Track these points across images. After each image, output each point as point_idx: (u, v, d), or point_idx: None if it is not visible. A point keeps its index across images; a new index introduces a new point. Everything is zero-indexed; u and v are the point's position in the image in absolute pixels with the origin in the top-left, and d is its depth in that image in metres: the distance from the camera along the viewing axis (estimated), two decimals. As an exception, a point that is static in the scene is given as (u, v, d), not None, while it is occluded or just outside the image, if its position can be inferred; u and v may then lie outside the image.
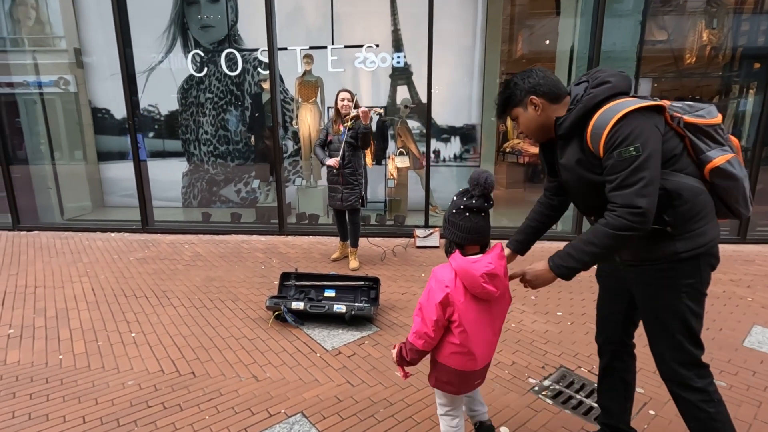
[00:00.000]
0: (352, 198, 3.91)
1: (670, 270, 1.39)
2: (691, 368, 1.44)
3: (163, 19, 6.02)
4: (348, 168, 3.86)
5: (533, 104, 1.43)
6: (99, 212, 6.42)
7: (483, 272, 1.36)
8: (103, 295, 3.44)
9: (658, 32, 5.15)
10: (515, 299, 3.35)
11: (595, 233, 1.35)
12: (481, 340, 1.44)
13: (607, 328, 1.73)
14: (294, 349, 2.64)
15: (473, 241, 1.44)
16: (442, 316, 1.40)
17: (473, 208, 1.41)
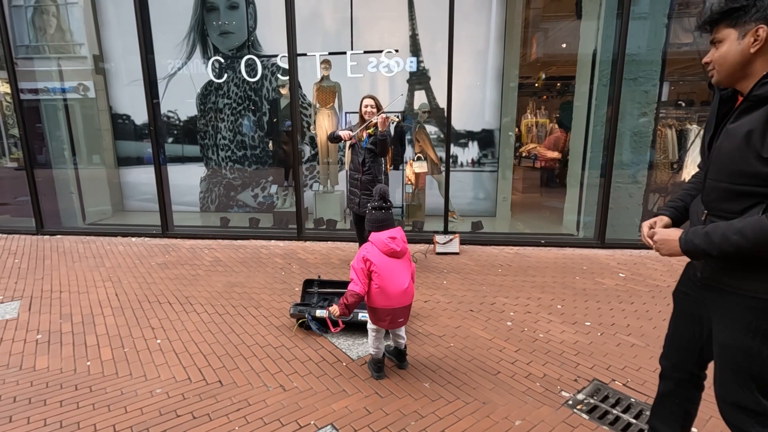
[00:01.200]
0: (369, 203, 3.89)
1: (765, 311, 1.20)
2: (753, 416, 1.30)
3: (183, 25, 6.08)
4: (368, 174, 3.84)
5: (756, 36, 1.12)
6: (119, 216, 6.49)
7: (387, 236, 2.28)
8: (126, 301, 3.46)
9: (684, 35, 5.04)
10: (540, 307, 3.29)
11: (751, 224, 1.11)
12: (392, 283, 2.24)
13: (677, 355, 1.57)
14: (320, 358, 2.61)
15: (380, 227, 2.33)
16: (365, 267, 2.25)
17: (375, 208, 2.35)
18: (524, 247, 4.84)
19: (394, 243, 2.27)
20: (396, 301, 2.25)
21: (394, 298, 2.25)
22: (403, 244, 2.30)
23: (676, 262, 4.32)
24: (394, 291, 2.25)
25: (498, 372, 2.47)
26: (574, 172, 5.26)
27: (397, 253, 2.27)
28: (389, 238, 2.27)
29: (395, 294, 2.25)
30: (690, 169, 4.96)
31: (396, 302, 2.26)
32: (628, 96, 4.58)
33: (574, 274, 4.00)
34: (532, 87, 8.77)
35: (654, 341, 2.79)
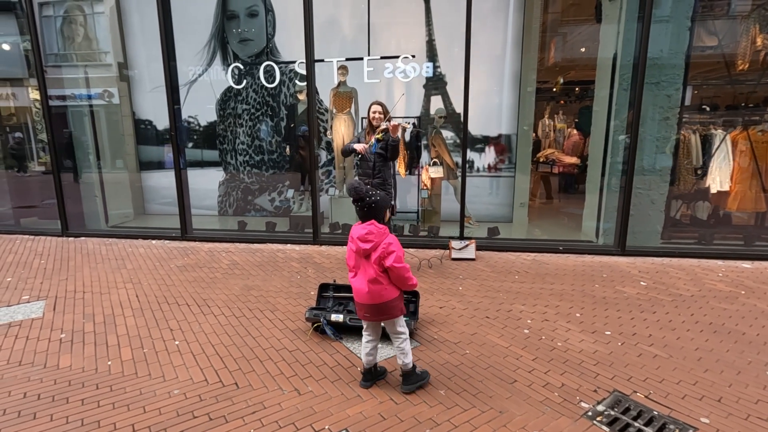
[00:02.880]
0: None
1: None
2: None
3: (204, 33, 6.23)
4: (378, 178, 3.88)
5: None
6: (140, 219, 6.65)
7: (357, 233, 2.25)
8: (146, 302, 3.53)
9: (708, 38, 4.92)
10: (558, 316, 3.23)
11: None
12: (356, 280, 2.29)
13: None
14: (334, 363, 2.61)
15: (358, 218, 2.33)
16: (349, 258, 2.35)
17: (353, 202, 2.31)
18: (542, 254, 4.77)
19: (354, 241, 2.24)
20: (358, 296, 2.28)
21: (357, 294, 2.28)
22: (362, 244, 2.19)
23: (701, 271, 4.19)
24: (355, 286, 2.29)
25: (515, 380, 2.42)
26: (594, 178, 5.16)
27: (360, 251, 2.22)
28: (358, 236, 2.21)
29: (356, 290, 2.28)
30: (715, 174, 4.82)
31: (358, 298, 2.28)
32: (649, 100, 4.48)
33: (593, 282, 3.92)
34: (550, 92, 8.66)
35: (677, 352, 2.71)
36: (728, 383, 2.38)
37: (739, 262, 4.41)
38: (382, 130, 3.74)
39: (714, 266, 4.32)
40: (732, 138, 4.78)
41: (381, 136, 3.75)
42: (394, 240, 2.23)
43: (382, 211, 2.26)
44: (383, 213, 2.27)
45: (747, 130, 4.78)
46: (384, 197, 2.30)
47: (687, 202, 5.19)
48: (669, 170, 4.68)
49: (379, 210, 2.25)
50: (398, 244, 2.22)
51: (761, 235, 4.90)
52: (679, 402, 2.23)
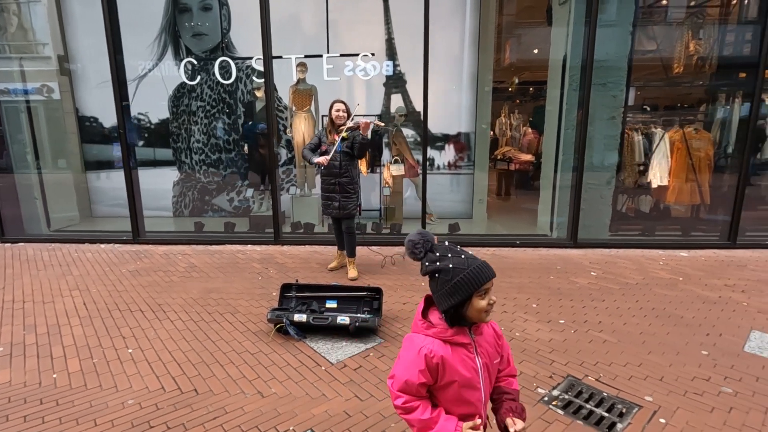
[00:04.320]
0: (350, 206, 3.91)
1: None
2: None
3: (153, 26, 5.93)
4: (345, 177, 3.86)
5: None
6: (87, 223, 6.25)
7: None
8: (96, 310, 3.34)
9: (648, 42, 5.26)
10: (516, 307, 3.36)
11: None
12: None
13: None
14: (298, 363, 2.59)
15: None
16: None
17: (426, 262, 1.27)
18: (500, 248, 4.93)
19: None
20: None
21: None
22: None
23: (645, 260, 4.49)
24: None
25: (476, 371, 2.50)
26: (547, 175, 5.39)
27: None
28: None
29: None
30: (655, 170, 5.17)
31: None
32: (597, 100, 4.74)
33: (548, 274, 4.10)
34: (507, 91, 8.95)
35: (625, 337, 2.89)
36: (669, 363, 2.57)
37: (677, 251, 4.76)
38: (349, 128, 3.72)
39: (656, 255, 4.63)
40: (669, 136, 5.15)
41: (346, 134, 3.73)
42: (405, 355, 1.23)
43: (446, 290, 1.17)
44: (451, 295, 1.17)
45: (683, 129, 5.16)
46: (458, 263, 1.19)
47: (631, 196, 5.54)
48: (615, 167, 4.97)
49: (443, 288, 1.18)
50: (407, 361, 1.20)
51: (696, 226, 5.31)
52: (626, 383, 2.38)
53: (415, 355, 1.18)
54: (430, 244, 1.24)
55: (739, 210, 4.75)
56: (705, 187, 5.21)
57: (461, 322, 1.21)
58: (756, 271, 4.14)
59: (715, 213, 5.23)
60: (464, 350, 1.21)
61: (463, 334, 1.21)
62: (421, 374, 1.17)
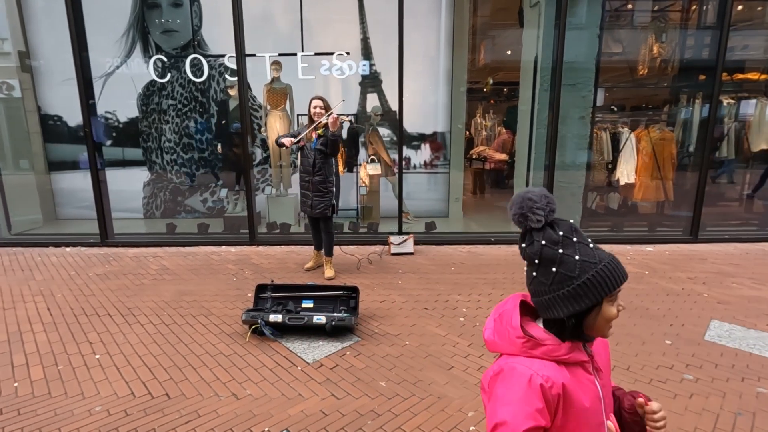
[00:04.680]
0: (321, 206, 3.87)
1: None
2: None
3: (121, 22, 5.75)
4: (318, 176, 3.83)
5: None
6: (51, 225, 5.99)
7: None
8: (61, 315, 3.21)
9: (614, 45, 5.45)
10: (491, 303, 3.41)
11: None
12: None
13: None
14: (274, 364, 2.56)
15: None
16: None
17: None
18: (476, 246, 5.00)
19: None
20: None
21: None
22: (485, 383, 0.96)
23: (613, 255, 4.64)
24: None
25: (452, 367, 2.53)
26: (521, 173, 5.51)
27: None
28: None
29: None
30: (622, 168, 5.36)
31: None
32: (567, 101, 4.87)
33: (522, 270, 4.17)
34: (482, 92, 9.09)
35: (594, 329, 2.98)
36: (635, 353, 2.67)
37: (644, 246, 4.95)
38: (323, 126, 3.69)
39: (624, 250, 4.80)
40: (636, 135, 5.35)
41: (322, 131, 3.70)
42: (509, 392, 0.86)
43: (568, 292, 0.86)
44: (576, 299, 0.86)
45: (648, 129, 5.36)
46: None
47: (601, 193, 5.72)
48: (585, 165, 5.12)
49: (564, 288, 0.86)
50: (516, 399, 0.85)
51: (661, 222, 5.53)
52: (595, 373, 2.46)
53: (526, 389, 0.82)
54: (553, 215, 0.87)
55: (700, 206, 4.97)
56: (669, 185, 5.44)
57: (579, 336, 0.89)
58: (716, 264, 4.35)
59: (679, 209, 5.46)
60: (582, 371, 0.89)
61: (579, 350, 0.89)
62: (540, 415, 0.81)
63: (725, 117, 5.38)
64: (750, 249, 4.82)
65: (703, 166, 4.92)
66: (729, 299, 3.48)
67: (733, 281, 3.86)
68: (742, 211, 5.90)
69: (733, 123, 5.39)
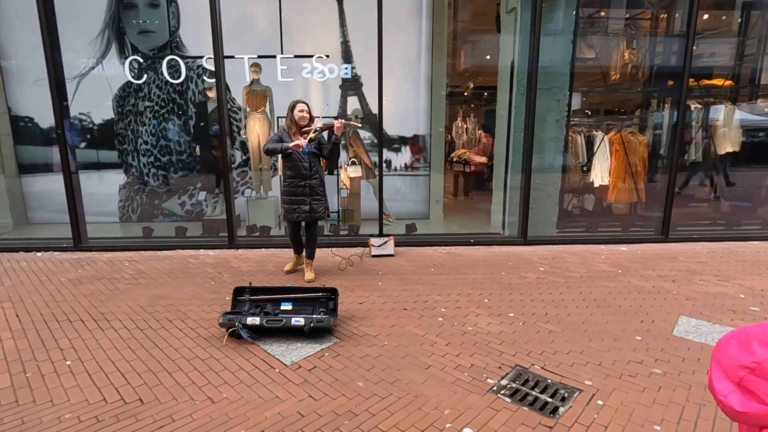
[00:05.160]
0: (320, 209, 3.86)
1: None
2: None
3: (95, 22, 5.64)
4: (315, 179, 3.82)
5: None
6: (22, 230, 5.81)
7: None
8: (30, 321, 3.11)
9: (587, 50, 5.61)
10: (470, 302, 3.46)
11: None
12: None
13: None
14: (251, 367, 2.54)
15: None
16: None
17: None
18: (456, 247, 5.06)
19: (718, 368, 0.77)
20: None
21: None
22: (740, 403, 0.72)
23: (589, 255, 4.76)
24: None
25: (429, 366, 2.56)
26: (499, 176, 5.61)
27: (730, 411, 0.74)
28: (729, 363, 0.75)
29: None
30: (597, 170, 5.51)
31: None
32: (543, 105, 4.98)
33: (500, 270, 4.26)
34: (462, 96, 9.22)
35: (568, 327, 3.06)
36: (607, 349, 2.75)
37: (618, 246, 5.09)
38: (317, 129, 3.69)
39: (599, 250, 4.93)
40: (609, 138, 5.51)
41: (314, 135, 3.70)
42: None
43: None
44: None
45: (620, 132, 5.53)
46: None
47: (576, 195, 5.86)
48: (561, 168, 5.25)
49: None
50: None
51: (634, 222, 5.70)
52: (569, 369, 2.52)
53: None
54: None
55: (671, 207, 5.15)
56: (641, 186, 5.61)
57: None
58: (685, 262, 4.50)
59: (651, 210, 5.64)
60: None
61: None
62: None
63: (693, 121, 5.59)
64: (716, 248, 5.02)
65: (672, 169, 5.10)
66: (696, 296, 3.62)
67: (700, 278, 4.01)
68: (710, 212, 6.12)
69: (700, 127, 5.61)
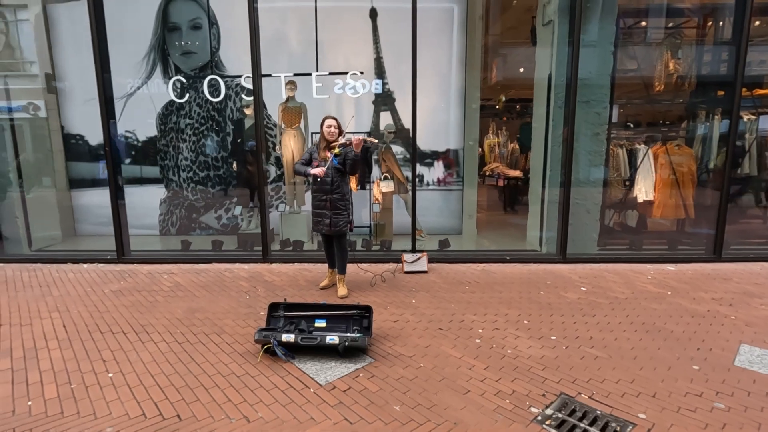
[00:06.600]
0: (341, 223, 3.87)
1: None
2: None
3: (143, 44, 5.95)
4: (336, 193, 3.84)
5: None
6: (70, 242, 6.11)
7: None
8: (75, 332, 3.22)
9: (629, 61, 5.41)
10: (507, 323, 3.33)
11: None
12: None
13: None
14: (286, 385, 2.51)
15: None
16: None
17: None
18: (490, 264, 4.92)
19: None
20: None
21: None
22: None
23: (632, 274, 4.52)
24: None
25: (468, 391, 2.45)
26: (535, 190, 5.45)
27: None
28: None
29: None
30: (640, 185, 5.25)
31: None
32: (582, 117, 4.83)
33: (538, 289, 4.09)
34: (494, 109, 9.10)
35: (615, 352, 2.87)
36: (661, 379, 2.56)
37: (664, 265, 4.80)
38: (341, 145, 3.74)
39: (644, 269, 4.67)
40: (653, 152, 5.26)
41: (339, 150, 3.73)
42: None
43: None
44: None
45: (665, 145, 5.27)
46: None
47: (618, 211, 5.61)
48: (601, 182, 5.04)
49: None
50: None
51: (682, 240, 5.38)
52: (619, 400, 2.36)
53: None
54: None
55: (723, 224, 4.83)
56: (689, 202, 5.30)
57: None
58: (741, 284, 4.19)
59: (700, 227, 5.31)
60: None
61: None
62: None
63: (746, 133, 5.27)
64: (777, 269, 4.65)
65: (724, 183, 4.79)
66: (757, 321, 3.34)
67: (760, 302, 3.71)
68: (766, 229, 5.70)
69: (754, 139, 5.27)
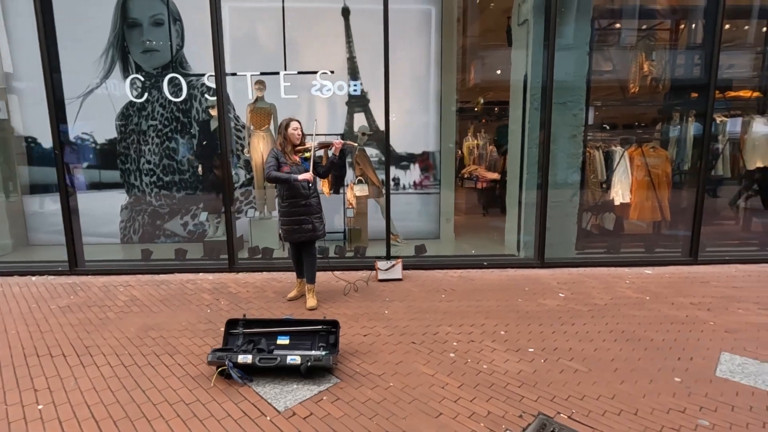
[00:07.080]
0: (322, 227, 3.74)
1: None
2: None
3: (100, 41, 5.59)
4: (314, 197, 3.70)
5: None
6: (21, 252, 5.69)
7: None
8: (9, 356, 2.90)
9: (604, 63, 5.37)
10: (484, 335, 3.16)
11: None
12: None
13: None
14: (240, 414, 2.27)
15: None
16: None
17: None
18: (468, 270, 4.77)
19: None
20: None
21: None
22: None
23: (611, 279, 4.43)
24: None
25: (440, 413, 2.26)
26: (513, 193, 5.33)
27: None
28: None
29: None
30: (617, 188, 5.20)
31: None
32: (558, 119, 4.73)
33: (516, 296, 3.95)
34: (472, 111, 9.01)
35: (595, 365, 2.73)
36: (642, 393, 2.42)
37: (642, 269, 4.74)
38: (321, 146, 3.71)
39: (622, 273, 4.59)
40: (629, 154, 5.21)
41: (309, 155, 3.61)
42: None
43: None
44: None
45: (641, 147, 5.23)
46: None
47: (595, 213, 5.54)
48: (578, 184, 4.96)
49: None
50: None
51: (659, 242, 5.34)
52: (600, 419, 2.20)
53: None
54: None
55: (699, 226, 4.80)
56: (665, 204, 5.27)
57: None
58: (719, 287, 4.14)
59: (676, 229, 5.28)
60: None
61: None
62: None
63: (719, 135, 5.27)
64: (752, 270, 4.64)
65: (699, 185, 4.77)
66: (737, 327, 3.26)
67: (738, 306, 3.65)
68: (740, 231, 5.74)
69: (727, 141, 5.28)
